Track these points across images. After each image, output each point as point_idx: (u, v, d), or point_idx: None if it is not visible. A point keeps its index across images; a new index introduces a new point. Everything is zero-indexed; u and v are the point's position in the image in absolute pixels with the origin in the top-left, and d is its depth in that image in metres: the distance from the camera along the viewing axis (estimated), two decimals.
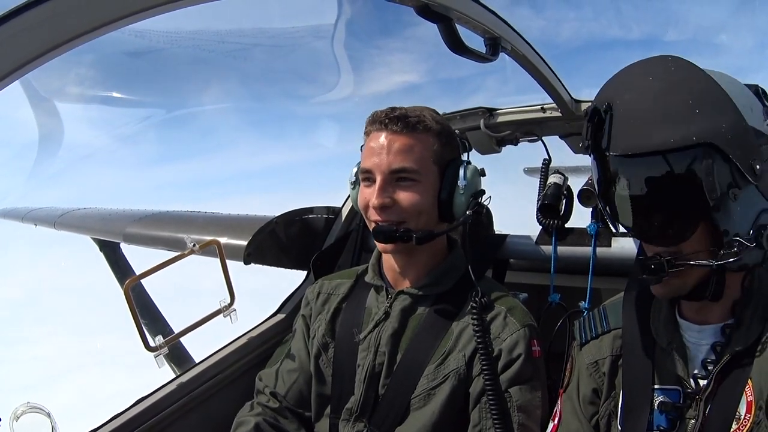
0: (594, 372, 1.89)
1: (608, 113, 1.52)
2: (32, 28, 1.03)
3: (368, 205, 2.11)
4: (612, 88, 1.57)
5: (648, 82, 1.50)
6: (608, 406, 1.84)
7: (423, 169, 2.09)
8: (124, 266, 5.72)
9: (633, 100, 1.50)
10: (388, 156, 2.06)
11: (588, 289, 2.59)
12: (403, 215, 2.07)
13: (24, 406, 1.78)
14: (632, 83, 1.53)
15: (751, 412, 1.54)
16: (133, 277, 2.44)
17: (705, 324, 1.67)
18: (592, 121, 1.55)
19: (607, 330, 1.91)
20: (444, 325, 2.14)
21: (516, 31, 2.20)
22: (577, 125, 2.87)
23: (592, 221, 2.70)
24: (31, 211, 6.71)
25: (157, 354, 2.35)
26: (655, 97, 1.47)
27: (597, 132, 1.55)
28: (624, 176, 1.56)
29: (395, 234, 2.05)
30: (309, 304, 2.47)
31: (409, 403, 2.09)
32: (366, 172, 2.11)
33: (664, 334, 1.72)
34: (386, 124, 2.09)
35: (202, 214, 4.23)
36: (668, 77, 1.50)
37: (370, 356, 2.17)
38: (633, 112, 1.48)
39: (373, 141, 2.11)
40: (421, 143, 2.10)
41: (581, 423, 1.89)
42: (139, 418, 2.31)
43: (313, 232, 3.26)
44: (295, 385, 2.34)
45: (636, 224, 1.58)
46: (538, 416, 2.04)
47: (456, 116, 3.04)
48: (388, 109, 2.13)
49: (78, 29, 1.08)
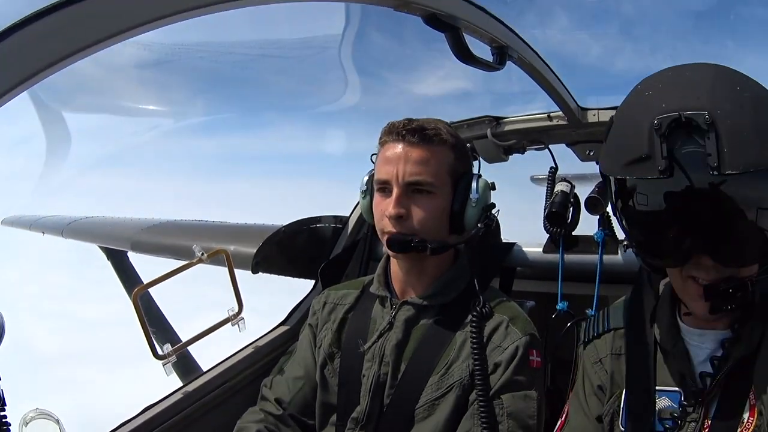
0: (599, 369, 1.90)
1: (712, 126, 1.35)
2: (38, 39, 1.04)
3: (383, 215, 2.12)
4: (693, 95, 1.41)
5: (737, 90, 1.41)
6: (612, 405, 1.83)
7: (438, 182, 2.11)
8: (131, 275, 5.74)
9: (736, 112, 1.37)
10: (405, 167, 2.08)
11: (595, 297, 2.59)
12: (417, 227, 2.09)
13: (33, 412, 1.78)
14: (722, 93, 1.40)
15: (754, 416, 1.54)
16: (141, 285, 2.45)
17: (706, 329, 1.67)
18: (671, 134, 1.39)
19: (607, 329, 1.92)
20: (447, 335, 2.14)
21: (522, 39, 2.20)
22: (584, 133, 2.87)
23: (599, 229, 2.70)
24: (39, 219, 6.74)
25: (165, 362, 2.35)
26: (755, 108, 1.39)
27: (685, 144, 1.39)
28: (725, 193, 1.41)
29: (410, 244, 2.07)
30: (315, 313, 2.48)
31: (414, 413, 2.08)
32: (383, 183, 2.13)
33: (668, 338, 1.72)
34: (403, 136, 2.10)
35: (210, 223, 4.24)
36: (748, 85, 1.43)
37: (374, 367, 2.17)
38: (742, 126, 1.36)
39: (389, 151, 2.13)
40: (437, 155, 2.11)
41: (588, 418, 1.89)
42: (146, 426, 2.32)
43: (320, 241, 3.26)
44: (300, 392, 2.34)
45: (716, 243, 1.46)
46: (531, 426, 2.00)
47: (463, 125, 3.05)
48: (405, 121, 2.14)
49: (84, 41, 1.09)
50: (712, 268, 1.50)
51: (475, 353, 2.02)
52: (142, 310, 2.31)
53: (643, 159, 1.43)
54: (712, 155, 1.34)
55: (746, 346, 1.58)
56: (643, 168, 1.43)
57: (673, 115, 1.39)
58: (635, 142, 1.45)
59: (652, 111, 1.43)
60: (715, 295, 1.50)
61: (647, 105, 1.46)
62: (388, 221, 2.10)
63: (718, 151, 1.34)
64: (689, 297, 1.59)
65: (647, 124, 1.42)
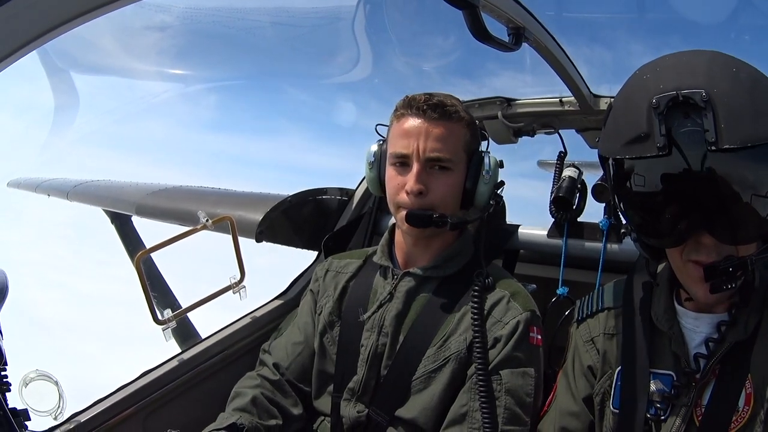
0: (590, 349, 1.92)
1: (708, 103, 1.38)
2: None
3: (400, 189, 2.12)
4: (690, 76, 1.43)
5: (733, 72, 1.43)
6: (603, 385, 1.85)
7: (456, 158, 2.13)
8: (135, 239, 5.76)
9: (732, 90, 1.40)
10: (426, 142, 2.08)
11: (597, 285, 2.58)
12: (435, 202, 2.10)
13: (33, 373, 1.80)
14: (718, 73, 1.42)
15: (750, 404, 1.56)
16: (144, 249, 2.46)
17: (702, 312, 1.69)
18: (669, 113, 1.42)
19: (601, 308, 1.94)
20: (447, 308, 2.16)
21: (540, 22, 2.18)
22: (594, 120, 2.85)
23: (604, 217, 2.69)
24: (44, 182, 6.73)
25: (165, 327, 2.37)
26: (752, 88, 1.42)
27: (683, 123, 1.41)
28: (723, 170, 1.43)
29: (430, 219, 2.08)
30: (318, 280, 2.50)
31: (410, 385, 2.10)
32: (401, 157, 2.13)
33: (664, 320, 1.74)
34: (424, 111, 2.10)
35: (216, 190, 4.23)
36: (743, 67, 1.45)
37: (373, 337, 2.19)
38: (738, 103, 1.39)
39: (408, 125, 2.13)
40: (456, 132, 2.13)
41: (574, 399, 1.92)
42: (145, 390, 2.34)
43: (326, 213, 3.26)
44: (299, 358, 2.36)
45: (715, 220, 1.48)
46: (528, 404, 2.01)
47: (474, 104, 3.03)
48: (426, 95, 2.14)
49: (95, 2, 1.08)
50: (712, 248, 1.52)
51: (475, 324, 2.03)
52: (144, 275, 2.32)
53: (641, 138, 1.45)
54: (709, 131, 1.37)
55: (743, 330, 1.60)
56: (642, 147, 1.46)
57: (670, 94, 1.42)
58: (634, 122, 1.47)
59: (650, 92, 1.45)
60: (715, 275, 1.51)
61: (645, 86, 1.49)
62: (406, 196, 2.10)
63: (715, 127, 1.37)
64: (690, 280, 1.60)
65: (645, 104, 1.44)
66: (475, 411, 1.98)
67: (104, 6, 1.08)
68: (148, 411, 2.36)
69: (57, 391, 1.94)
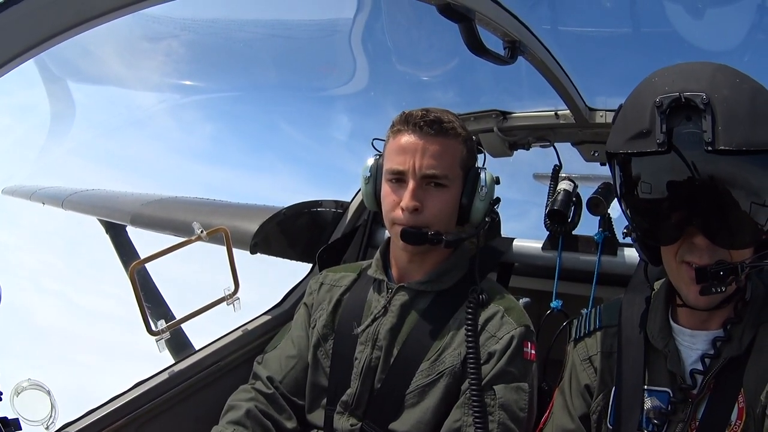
0: (587, 368, 1.93)
1: (708, 106, 1.43)
2: (49, 6, 1.02)
3: (395, 206, 2.13)
4: (694, 81, 1.48)
5: (736, 82, 1.48)
6: (600, 403, 1.86)
7: (452, 175, 2.13)
8: (129, 249, 5.74)
9: (733, 97, 1.44)
10: (422, 159, 2.09)
11: (591, 298, 2.58)
12: (431, 219, 2.10)
13: (26, 382, 1.79)
14: (721, 80, 1.47)
15: (742, 419, 1.58)
16: (138, 260, 2.45)
17: (698, 329, 1.70)
18: (672, 113, 1.47)
19: (598, 327, 1.96)
20: (441, 322, 2.15)
21: (535, 35, 2.19)
22: (590, 133, 2.86)
23: (599, 230, 2.69)
24: (39, 190, 6.71)
25: (158, 338, 2.36)
26: (753, 97, 1.46)
27: (684, 125, 1.46)
28: (721, 173, 1.47)
29: (425, 237, 2.08)
30: (312, 293, 2.49)
31: (404, 398, 2.10)
32: (397, 173, 2.13)
33: (660, 338, 1.75)
34: (420, 127, 2.10)
35: (211, 201, 4.23)
36: (747, 79, 1.49)
37: (367, 350, 2.18)
38: (738, 108, 1.43)
39: (404, 141, 2.13)
40: (452, 149, 2.13)
41: (571, 418, 1.92)
42: (137, 401, 2.32)
43: (320, 225, 3.26)
44: (292, 371, 2.35)
45: (709, 221, 1.51)
46: (521, 419, 2.00)
47: (470, 117, 3.04)
48: (423, 111, 2.14)
49: (96, 10, 1.08)
50: (705, 250, 1.54)
51: (469, 339, 2.03)
52: (138, 286, 2.31)
53: (643, 134, 1.51)
54: (707, 132, 1.42)
55: (737, 345, 1.62)
56: (644, 142, 1.51)
57: (673, 95, 1.47)
58: (638, 119, 1.52)
59: (656, 92, 1.51)
60: (706, 277, 1.53)
61: (653, 88, 1.54)
62: (401, 212, 2.10)
63: (713, 129, 1.42)
64: (683, 282, 1.63)
65: (650, 103, 1.49)
66: (468, 426, 1.97)
67: (102, 16, 1.08)
68: (140, 422, 2.33)
69: (49, 400, 1.93)
